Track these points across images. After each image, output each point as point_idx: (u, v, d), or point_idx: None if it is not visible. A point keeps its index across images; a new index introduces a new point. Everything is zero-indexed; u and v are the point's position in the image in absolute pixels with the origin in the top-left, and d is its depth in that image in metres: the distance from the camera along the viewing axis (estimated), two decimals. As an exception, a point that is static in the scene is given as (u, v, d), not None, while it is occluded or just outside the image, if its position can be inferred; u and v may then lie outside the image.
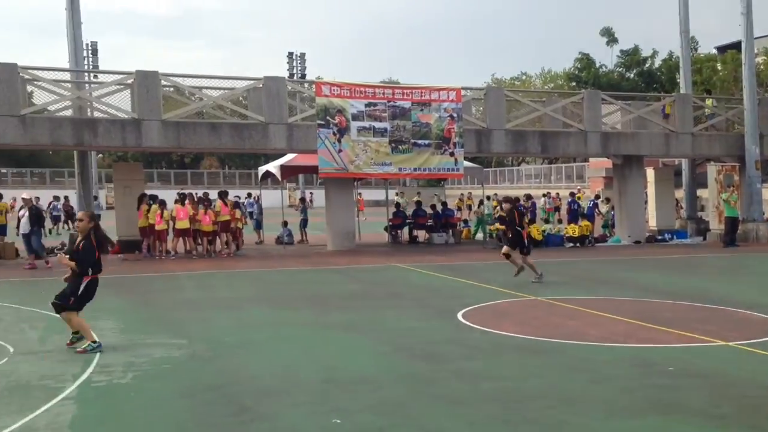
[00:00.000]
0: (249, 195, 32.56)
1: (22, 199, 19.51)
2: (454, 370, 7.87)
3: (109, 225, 23.57)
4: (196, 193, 23.55)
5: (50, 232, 30.58)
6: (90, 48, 44.73)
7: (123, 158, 45.01)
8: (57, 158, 69.00)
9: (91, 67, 43.22)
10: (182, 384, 7.37)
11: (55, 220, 33.29)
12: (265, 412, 6.48)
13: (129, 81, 20.27)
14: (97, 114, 20.72)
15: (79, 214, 9.84)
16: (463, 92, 22.90)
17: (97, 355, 8.53)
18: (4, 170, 63.36)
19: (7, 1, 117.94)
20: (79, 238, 9.07)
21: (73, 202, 27.17)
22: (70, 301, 8.87)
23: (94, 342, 8.75)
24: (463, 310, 11.36)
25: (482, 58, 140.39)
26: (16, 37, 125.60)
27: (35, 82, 20.07)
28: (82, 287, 8.87)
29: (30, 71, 19.74)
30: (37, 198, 25.63)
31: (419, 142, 21.86)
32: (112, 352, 8.67)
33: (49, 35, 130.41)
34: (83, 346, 8.72)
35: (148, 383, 7.41)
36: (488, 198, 27.87)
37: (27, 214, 18.45)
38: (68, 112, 20.81)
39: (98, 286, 9.22)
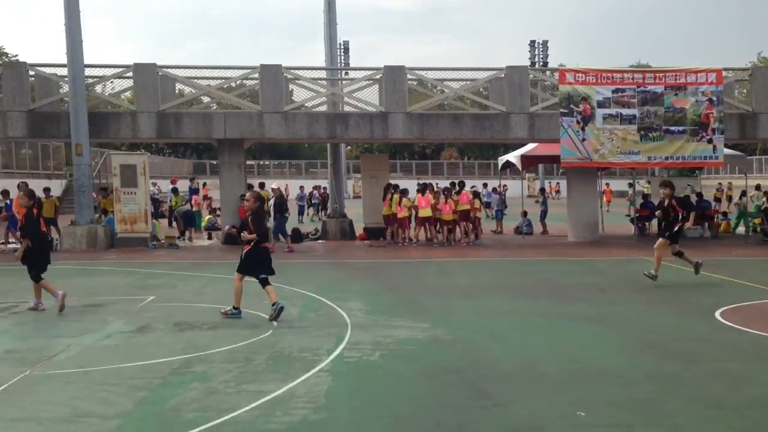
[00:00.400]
0: (485, 185, 32.88)
1: (272, 189, 21.11)
2: (711, 371, 7.28)
3: (356, 213, 25.20)
4: (437, 184, 24.13)
5: (301, 220, 32.85)
6: (342, 47, 47.68)
7: (369, 150, 47.42)
8: (311, 150, 74.69)
9: (343, 64, 46.05)
10: (425, 365, 7.60)
11: (315, 207, 35.71)
12: (506, 398, 6.48)
13: (377, 76, 21.30)
14: (347, 108, 22.04)
15: (247, 195, 11.11)
16: (724, 73, 21.00)
17: (349, 332, 9.11)
18: (267, 162, 69.93)
19: (273, 9, 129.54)
20: (248, 214, 10.23)
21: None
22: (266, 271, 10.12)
23: (236, 308, 10.01)
24: (722, 309, 10.46)
25: (743, 35, 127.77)
26: (279, 41, 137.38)
27: (296, 81, 21.81)
28: (243, 254, 10.07)
29: (292, 71, 21.49)
30: (286, 186, 27.70)
31: (672, 128, 20.44)
32: (360, 331, 9.18)
33: (307, 38, 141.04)
34: (226, 309, 10.09)
35: (393, 362, 7.75)
36: (758, 188, 25.36)
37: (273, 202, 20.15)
38: (323, 108, 22.40)
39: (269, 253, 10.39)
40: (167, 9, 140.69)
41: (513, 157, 24.42)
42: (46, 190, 22.31)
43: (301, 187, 36.17)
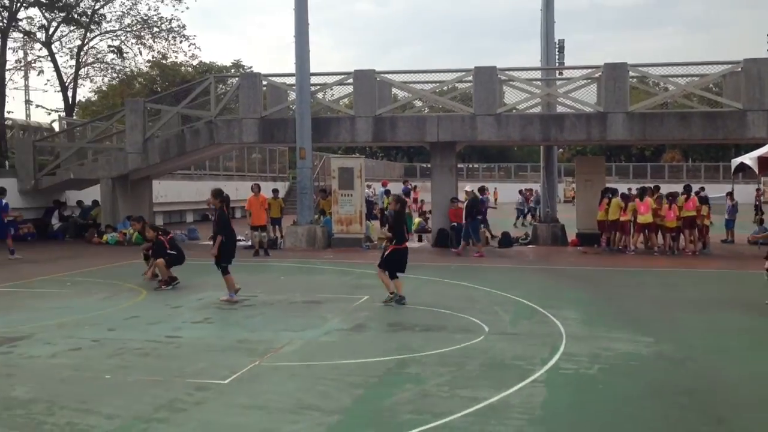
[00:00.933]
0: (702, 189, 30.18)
1: (465, 191, 20.48)
2: None
3: (567, 218, 24.36)
4: (651, 187, 22.60)
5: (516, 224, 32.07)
6: (558, 46, 46.45)
7: (582, 152, 45.82)
8: (520, 153, 73.72)
9: (557, 64, 44.90)
10: (650, 384, 7.06)
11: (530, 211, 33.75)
12: (745, 426, 5.82)
13: (596, 75, 20.43)
14: (562, 109, 21.37)
15: (390, 198, 12.74)
16: None
17: (564, 342, 8.73)
18: (476, 165, 70.09)
19: (483, 11, 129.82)
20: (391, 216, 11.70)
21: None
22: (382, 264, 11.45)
23: (392, 294, 11.30)
24: None
25: None
26: (487, 43, 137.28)
27: (510, 83, 21.53)
28: (386, 253, 11.44)
29: (506, 72, 21.24)
30: (481, 189, 26.77)
31: None
32: (576, 342, 8.77)
33: (519, 39, 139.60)
34: (385, 298, 11.35)
35: (614, 377, 7.29)
36: None
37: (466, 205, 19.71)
38: (536, 109, 21.89)
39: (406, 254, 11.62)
40: (379, 17, 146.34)
41: (749, 158, 22.25)
42: (275, 191, 23.93)
43: (521, 191, 34.81)
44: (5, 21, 28.53)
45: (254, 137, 22.10)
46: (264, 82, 22.63)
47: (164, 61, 39.22)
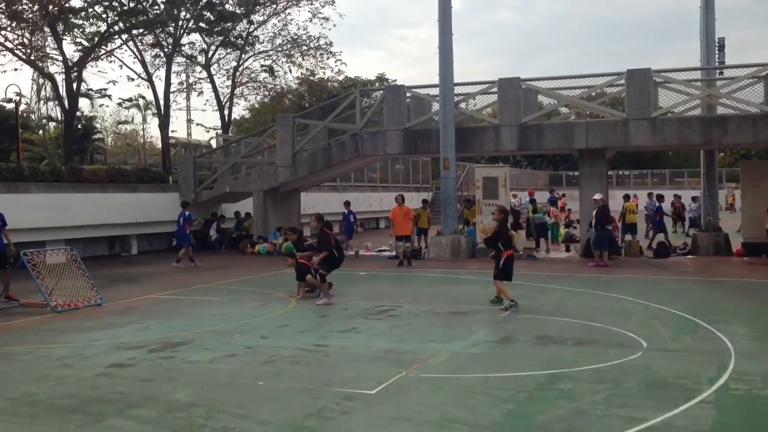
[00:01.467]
0: None
1: (594, 199, 19.12)
2: None
3: (729, 225, 22.67)
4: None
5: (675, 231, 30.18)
6: (718, 44, 43.65)
7: (746, 156, 42.74)
8: (676, 159, 69.78)
9: (717, 63, 42.20)
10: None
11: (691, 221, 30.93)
12: None
13: (763, 73, 18.92)
14: (723, 110, 19.96)
15: (494, 209, 13.32)
16: None
17: (733, 360, 8.05)
18: (627, 172, 67.08)
19: (636, 12, 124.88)
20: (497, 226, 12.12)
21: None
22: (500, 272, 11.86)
23: (512, 301, 11.51)
24: None
25: None
26: (643, 45, 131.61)
27: (666, 85, 20.37)
28: (501, 261, 11.73)
29: (662, 74, 20.13)
30: (659, 196, 25.35)
31: None
32: (748, 360, 8.05)
33: (671, 39, 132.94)
34: (504, 305, 11.56)
35: (794, 401, 6.60)
36: None
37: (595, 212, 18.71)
38: (695, 112, 20.57)
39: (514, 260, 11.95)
40: (522, 24, 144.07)
41: None
42: (425, 202, 23.98)
43: (694, 198, 31.56)
44: (170, 47, 30.60)
45: (398, 149, 22.28)
46: (408, 94, 22.80)
47: (312, 78, 40.61)
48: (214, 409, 6.57)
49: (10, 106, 34.67)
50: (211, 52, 33.96)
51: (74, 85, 27.95)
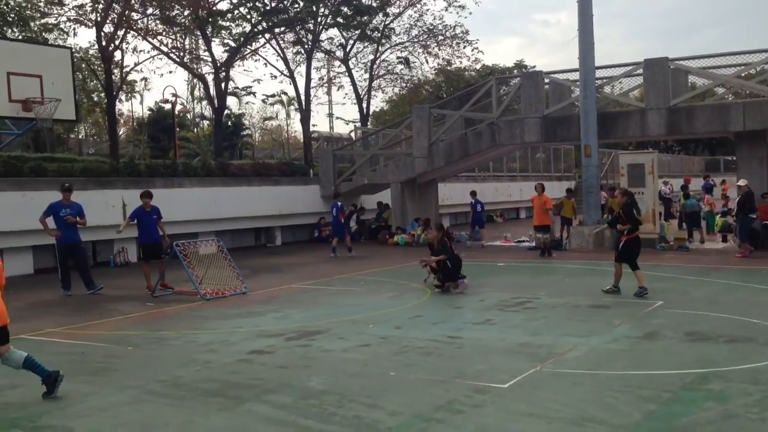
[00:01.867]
0: None
1: (738, 186, 17.93)
2: None
3: None
4: None
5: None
6: None
7: None
8: None
9: None
10: None
11: None
12: None
13: None
14: None
15: (616, 192, 13.83)
16: None
17: None
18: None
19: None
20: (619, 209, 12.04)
21: None
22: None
23: (642, 287, 11.48)
24: None
25: None
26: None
27: None
28: (621, 244, 11.78)
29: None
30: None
31: None
32: None
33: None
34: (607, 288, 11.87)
35: None
36: None
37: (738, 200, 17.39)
38: None
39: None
40: (669, 3, 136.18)
41: None
42: (568, 191, 23.30)
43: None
44: (310, 43, 31.50)
45: (536, 136, 21.71)
46: (546, 80, 22.16)
47: (449, 68, 40.45)
48: (345, 398, 6.65)
49: (168, 106, 37.11)
50: (349, 47, 34.63)
51: (222, 85, 29.44)
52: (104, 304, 12.40)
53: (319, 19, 31.01)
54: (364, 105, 35.93)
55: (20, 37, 25.75)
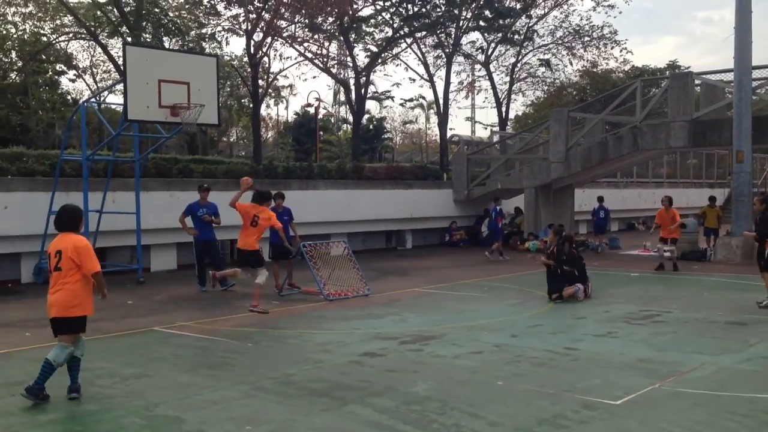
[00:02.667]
0: None
1: None
2: None
3: None
4: None
5: None
6: None
7: None
8: None
9: None
10: None
11: None
12: None
13: None
14: None
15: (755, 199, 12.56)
16: None
17: None
18: None
19: None
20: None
21: None
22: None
23: None
24: None
25: None
26: None
27: None
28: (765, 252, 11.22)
29: None
30: None
31: None
32: None
33: None
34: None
35: None
36: None
37: None
38: None
39: None
40: None
41: None
42: (711, 199, 21.97)
43: None
44: (450, 47, 31.51)
45: (683, 141, 20.49)
46: (697, 82, 20.92)
47: (594, 70, 39.11)
48: (447, 405, 6.57)
49: (312, 110, 38.43)
50: (490, 50, 34.30)
51: (362, 90, 30.06)
52: (234, 300, 12.98)
53: (461, 22, 30.94)
54: (503, 109, 35.46)
55: (176, 47, 27.60)
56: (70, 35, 31.24)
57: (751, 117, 18.58)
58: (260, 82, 28.90)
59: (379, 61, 31.17)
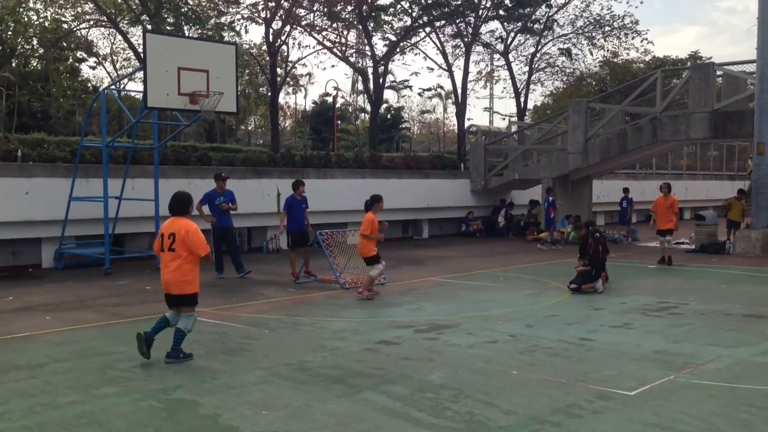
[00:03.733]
0: None
1: None
2: None
3: None
4: None
5: None
6: None
7: None
8: None
9: None
10: None
11: None
12: None
13: None
14: None
15: None
16: None
17: None
18: None
19: None
20: None
21: None
22: None
23: None
24: None
25: None
26: None
27: None
28: None
29: None
30: None
31: None
32: None
33: None
34: None
35: None
36: None
37: None
38: None
39: None
40: None
41: None
42: (740, 192, 21.65)
43: None
44: (469, 36, 31.36)
45: (703, 133, 20.30)
46: (718, 73, 20.70)
47: (615, 60, 38.78)
48: (462, 393, 6.61)
49: (330, 99, 38.43)
50: (509, 39, 34.10)
51: (380, 79, 30.01)
52: (251, 287, 13.08)
53: (480, 11, 30.77)
54: (522, 99, 35.27)
55: (195, 35, 27.68)
56: (91, 23, 31.39)
57: (771, 109, 18.37)
58: (278, 70, 28.92)
59: (398, 50, 31.06)
